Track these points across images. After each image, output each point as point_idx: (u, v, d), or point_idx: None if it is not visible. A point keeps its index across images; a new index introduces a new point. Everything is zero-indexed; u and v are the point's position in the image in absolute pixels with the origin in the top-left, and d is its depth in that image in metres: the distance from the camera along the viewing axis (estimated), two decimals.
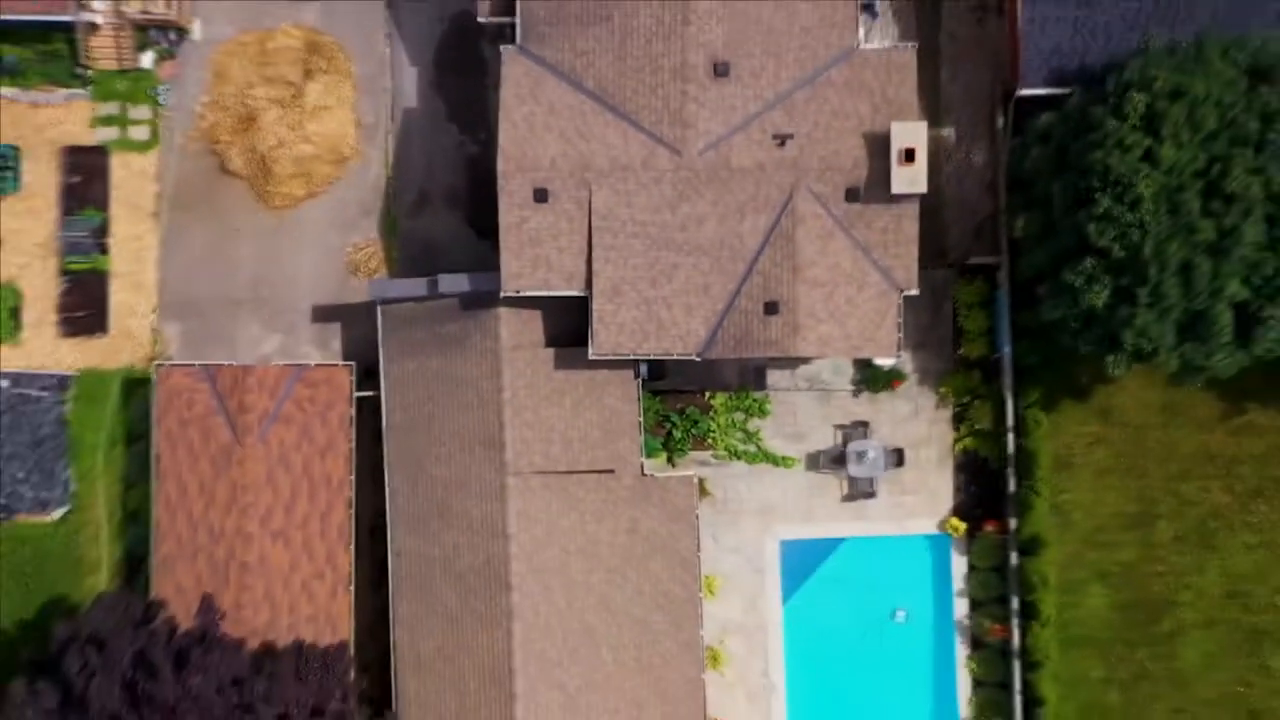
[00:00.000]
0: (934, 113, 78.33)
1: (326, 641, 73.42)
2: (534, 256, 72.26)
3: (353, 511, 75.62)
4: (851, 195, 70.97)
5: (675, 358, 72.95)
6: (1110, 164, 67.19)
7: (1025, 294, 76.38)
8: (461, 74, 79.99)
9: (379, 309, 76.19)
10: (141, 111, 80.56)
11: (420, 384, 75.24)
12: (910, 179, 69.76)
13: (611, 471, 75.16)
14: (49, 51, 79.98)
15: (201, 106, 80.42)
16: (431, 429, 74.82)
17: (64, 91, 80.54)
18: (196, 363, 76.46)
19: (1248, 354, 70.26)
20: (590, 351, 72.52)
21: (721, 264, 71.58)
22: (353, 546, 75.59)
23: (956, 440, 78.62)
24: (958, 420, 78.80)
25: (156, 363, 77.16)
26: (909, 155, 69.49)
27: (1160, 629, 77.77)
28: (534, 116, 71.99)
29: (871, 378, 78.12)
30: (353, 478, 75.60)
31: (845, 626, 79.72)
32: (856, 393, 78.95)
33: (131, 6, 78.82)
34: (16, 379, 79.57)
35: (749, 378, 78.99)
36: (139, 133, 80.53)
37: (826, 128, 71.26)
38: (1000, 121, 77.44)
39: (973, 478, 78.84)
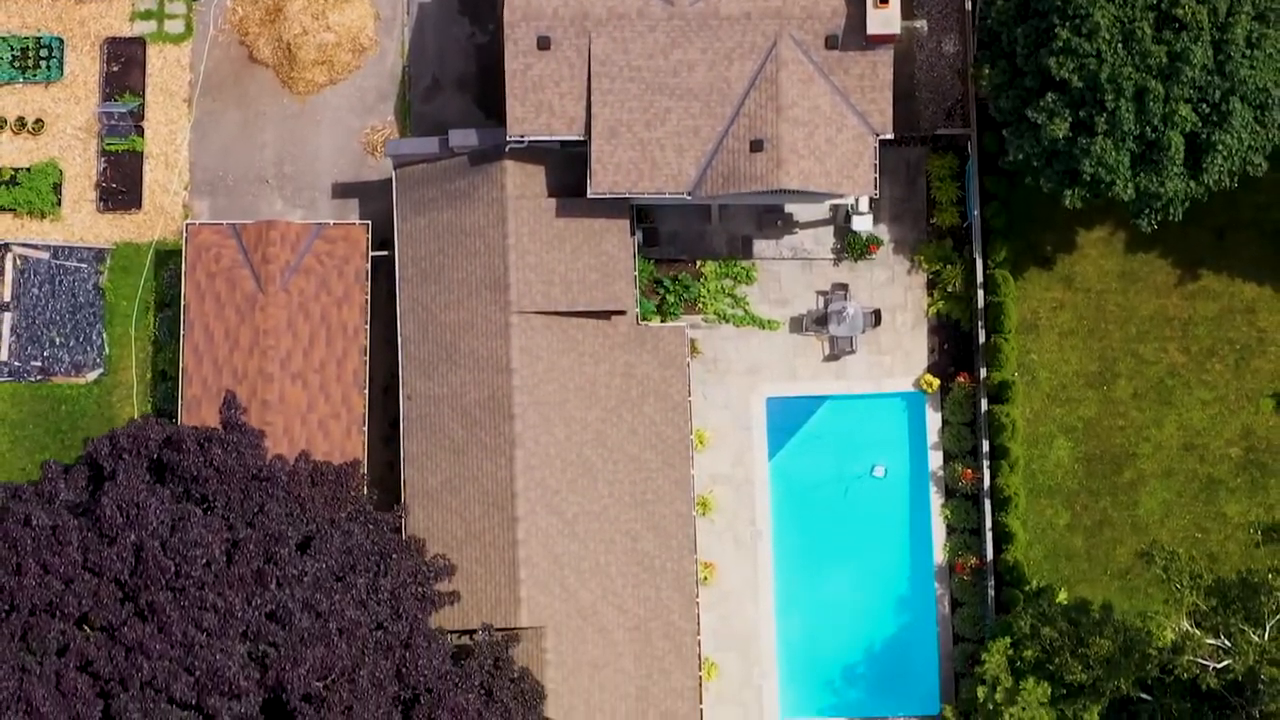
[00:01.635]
0: (908, 6, 79.95)
1: None
2: (537, 102, 73.87)
3: (367, 359, 76.57)
4: (831, 42, 72.83)
5: (668, 197, 74.10)
6: None
7: (992, 164, 77.72)
8: None
9: (394, 171, 77.50)
10: (177, 7, 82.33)
11: (431, 238, 76.42)
12: (885, 20, 71.82)
13: (609, 317, 75.88)
14: None
15: (232, 5, 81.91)
16: (441, 279, 75.94)
17: None
18: (224, 221, 77.55)
19: (1199, 184, 71.42)
20: (589, 190, 74.06)
21: (710, 107, 73.19)
22: (367, 390, 76.26)
23: (930, 305, 79.70)
24: (931, 286, 79.90)
25: (187, 221, 78.30)
26: None
27: (1121, 479, 78.38)
28: None
29: (850, 244, 79.38)
30: (367, 327, 76.67)
31: (828, 480, 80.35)
32: (837, 260, 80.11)
33: None
34: (56, 251, 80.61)
35: (737, 247, 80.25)
36: (174, 26, 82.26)
37: None
38: (969, 5, 78.99)
39: (945, 339, 79.90)
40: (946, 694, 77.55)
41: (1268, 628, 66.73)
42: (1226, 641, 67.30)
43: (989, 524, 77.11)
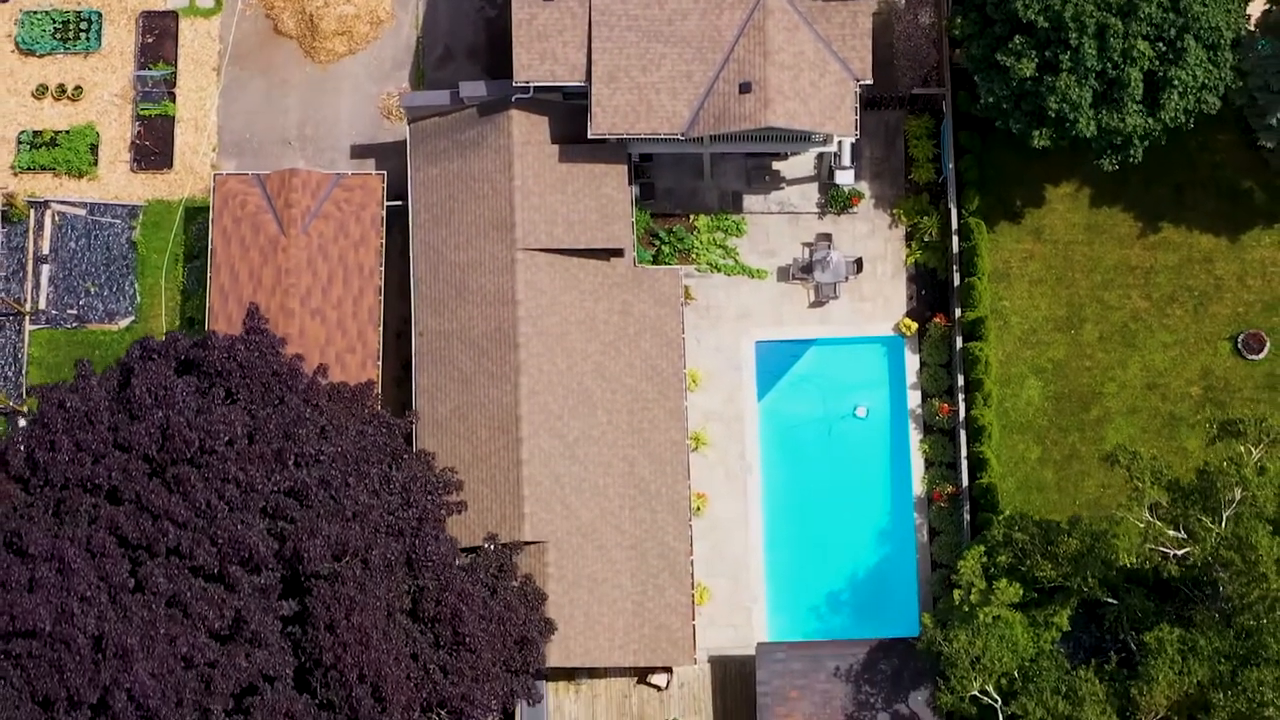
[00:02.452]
0: None
1: None
2: (541, 50, 76.52)
3: (381, 298, 78.76)
4: None
5: (663, 136, 76.40)
6: None
7: (965, 121, 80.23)
8: None
9: (408, 126, 79.94)
10: None
11: (442, 185, 78.91)
12: None
13: (608, 259, 78.07)
14: None
15: None
16: (451, 222, 78.31)
17: None
18: (249, 171, 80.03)
19: (1157, 120, 73.81)
20: (590, 131, 76.57)
21: (702, 53, 75.93)
22: (381, 327, 78.32)
23: (909, 255, 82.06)
24: (909, 238, 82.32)
25: (215, 172, 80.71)
26: None
27: (1089, 416, 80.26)
28: None
29: (833, 198, 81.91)
30: (382, 268, 78.94)
31: (813, 419, 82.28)
32: (821, 214, 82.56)
33: None
34: (93, 208, 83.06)
35: (727, 202, 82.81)
36: (205, 1, 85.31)
37: None
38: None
39: (923, 286, 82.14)
40: None
41: (1224, 518, 68.47)
42: (1185, 535, 68.99)
43: (964, 454, 79.04)
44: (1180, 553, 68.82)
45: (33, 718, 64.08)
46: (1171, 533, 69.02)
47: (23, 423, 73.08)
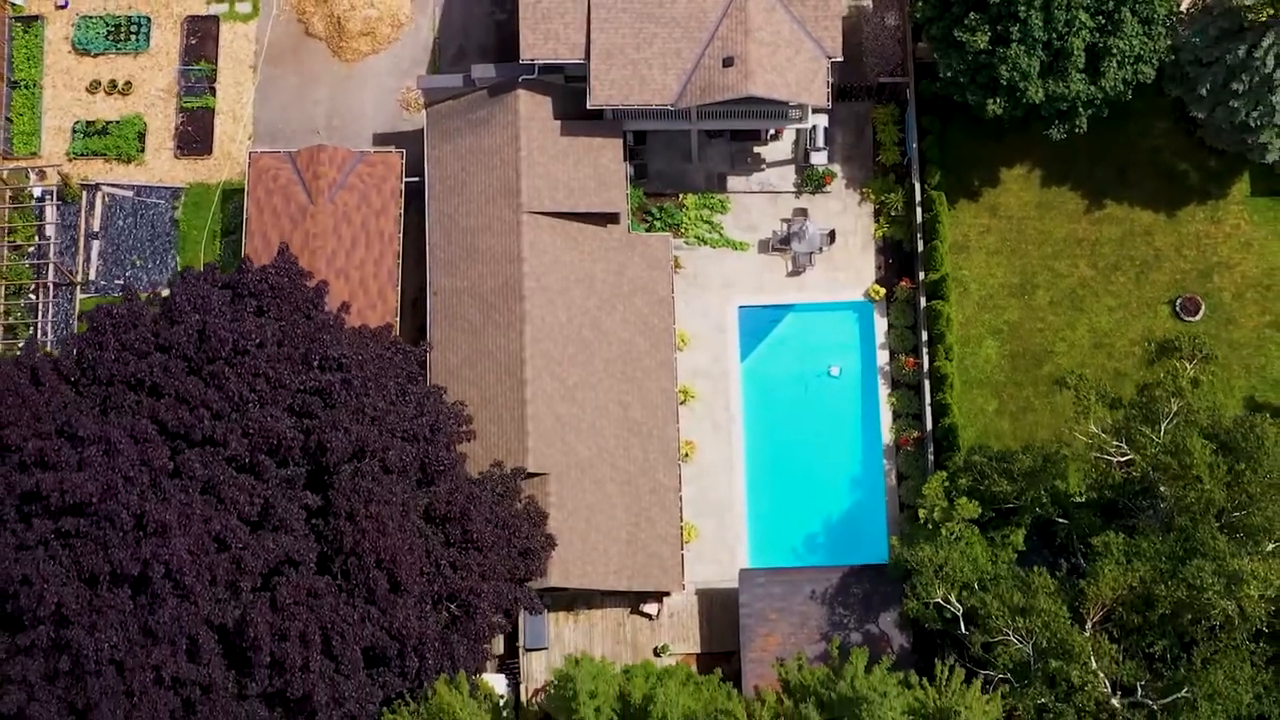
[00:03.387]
0: None
1: None
2: (545, 31, 78.27)
3: (399, 261, 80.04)
4: None
5: (654, 107, 77.97)
6: None
7: (926, 106, 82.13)
8: None
9: (425, 110, 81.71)
10: None
11: (455, 159, 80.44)
12: None
13: (605, 225, 79.60)
14: None
15: None
16: (463, 192, 79.73)
17: None
18: (281, 149, 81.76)
19: (1098, 88, 75.63)
20: (589, 102, 78.09)
21: (690, 32, 77.69)
22: (399, 288, 79.67)
23: (877, 229, 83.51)
24: (877, 214, 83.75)
25: (250, 150, 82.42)
26: None
27: (1041, 372, 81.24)
28: None
29: (808, 178, 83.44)
30: (400, 235, 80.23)
31: (791, 376, 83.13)
32: (798, 193, 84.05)
33: None
34: (139, 190, 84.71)
35: (713, 182, 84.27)
36: (243, 7, 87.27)
37: None
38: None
39: (890, 256, 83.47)
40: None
41: (1163, 428, 69.67)
42: (1127, 445, 70.22)
43: (928, 401, 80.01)
44: (1123, 459, 69.92)
45: (79, 594, 64.76)
46: (1115, 444, 70.19)
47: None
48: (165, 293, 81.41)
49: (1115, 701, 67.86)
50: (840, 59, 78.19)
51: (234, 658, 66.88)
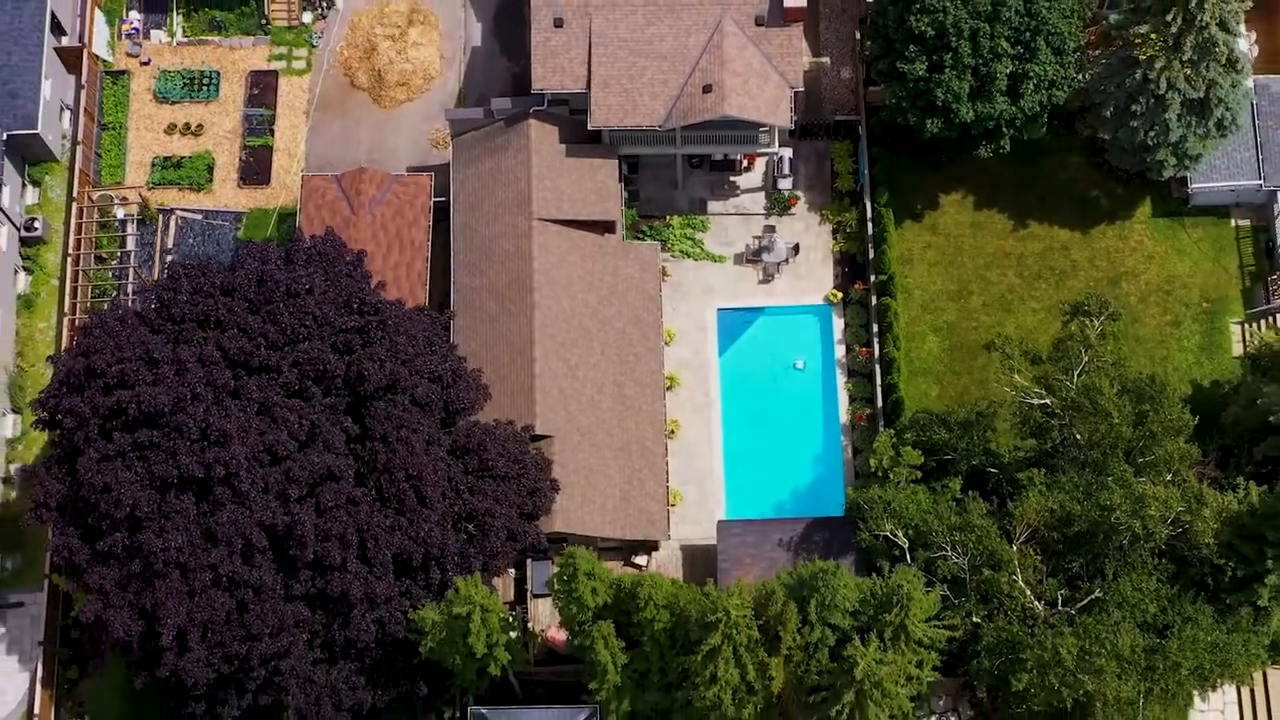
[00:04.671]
0: (815, 48, 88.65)
1: None
2: (553, 65, 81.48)
3: (428, 265, 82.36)
4: (759, 21, 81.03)
5: (644, 127, 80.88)
6: None
7: (875, 140, 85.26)
8: (510, 24, 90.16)
9: (451, 139, 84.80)
10: (301, 51, 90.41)
11: (476, 179, 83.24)
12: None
13: (602, 233, 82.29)
14: (244, 12, 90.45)
15: (340, 48, 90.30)
16: (483, 206, 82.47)
17: (251, 38, 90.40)
18: (329, 173, 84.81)
19: (1018, 108, 78.88)
20: (589, 124, 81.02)
21: (675, 65, 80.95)
22: (428, 288, 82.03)
23: (834, 245, 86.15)
24: (835, 232, 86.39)
25: (302, 173, 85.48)
26: None
27: (975, 364, 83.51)
28: None
29: (776, 200, 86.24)
30: (429, 243, 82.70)
31: (762, 369, 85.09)
32: (767, 214, 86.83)
33: None
34: (207, 214, 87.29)
35: (696, 206, 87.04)
36: (299, 64, 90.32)
37: None
38: (859, 45, 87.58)
39: (845, 267, 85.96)
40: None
41: (1075, 375, 71.93)
42: (1046, 391, 72.40)
43: (879, 383, 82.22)
44: (1043, 402, 72.09)
45: (150, 500, 66.82)
46: (1036, 390, 72.41)
47: None
48: None
49: (1039, 606, 69.49)
50: (801, 89, 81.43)
51: (282, 562, 68.64)
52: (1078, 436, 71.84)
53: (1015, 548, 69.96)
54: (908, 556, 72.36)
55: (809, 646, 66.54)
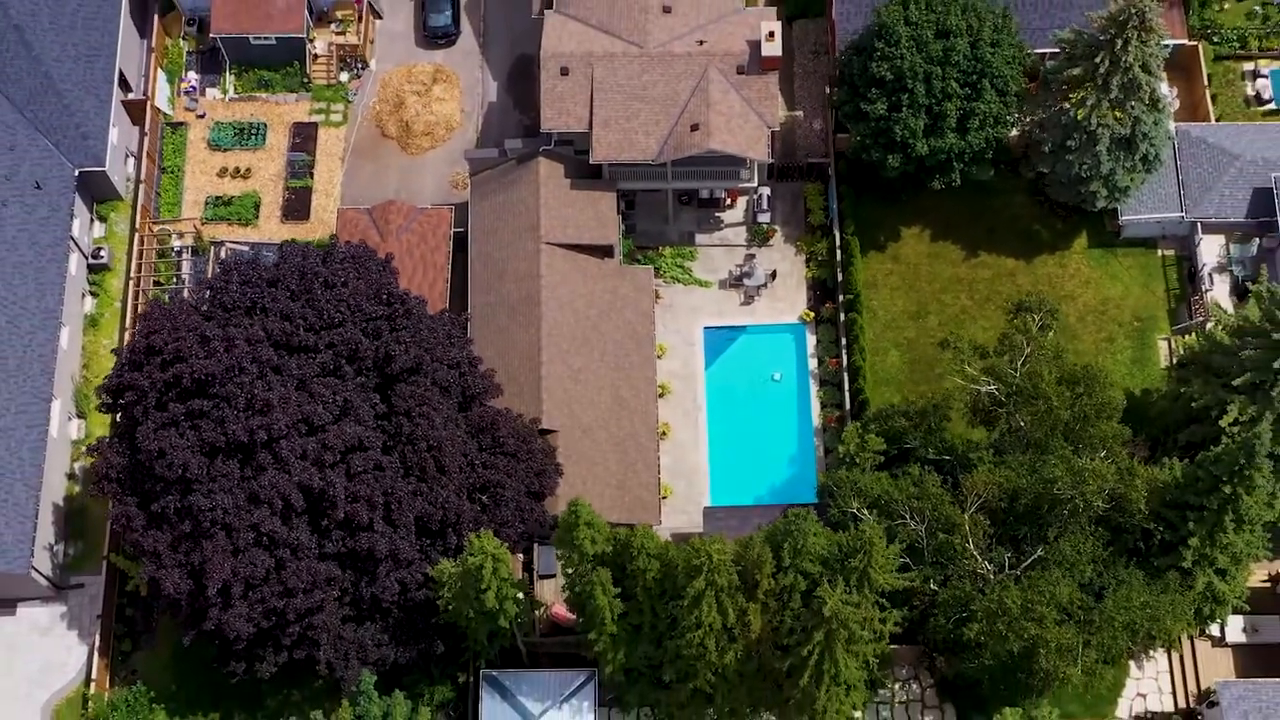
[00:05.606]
0: (791, 104, 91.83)
1: None
2: (560, 108, 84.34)
3: (448, 287, 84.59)
4: (740, 69, 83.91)
5: (640, 161, 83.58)
6: (883, 22, 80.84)
7: (842, 179, 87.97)
8: (522, 82, 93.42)
9: (470, 177, 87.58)
10: (338, 106, 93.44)
11: (491, 210, 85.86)
12: (773, 48, 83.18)
13: (602, 256, 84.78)
14: (289, 72, 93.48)
15: (372, 103, 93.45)
16: (497, 234, 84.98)
17: (295, 95, 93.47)
18: (361, 206, 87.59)
19: (967, 142, 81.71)
20: (590, 158, 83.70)
21: (666, 108, 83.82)
22: (447, 304, 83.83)
23: (807, 271, 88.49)
24: (807, 261, 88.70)
25: (339, 207, 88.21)
26: (771, 35, 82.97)
27: (933, 373, 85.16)
28: (562, 31, 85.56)
29: (756, 233, 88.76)
30: (449, 267, 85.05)
31: (743, 380, 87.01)
32: (748, 245, 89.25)
33: (335, 43, 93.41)
34: (253, 245, 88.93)
35: (685, 238, 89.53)
36: (336, 116, 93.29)
37: (726, 35, 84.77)
38: (830, 99, 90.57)
39: (817, 291, 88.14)
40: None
41: (1019, 365, 74.07)
42: (993, 379, 74.54)
43: (848, 389, 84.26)
44: (991, 389, 74.22)
45: (200, 464, 68.90)
46: (985, 379, 74.59)
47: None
48: None
49: (989, 569, 71.24)
50: (777, 128, 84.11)
51: (316, 524, 70.52)
52: (1022, 423, 73.78)
53: (967, 516, 71.68)
54: None
55: (783, 593, 68.25)
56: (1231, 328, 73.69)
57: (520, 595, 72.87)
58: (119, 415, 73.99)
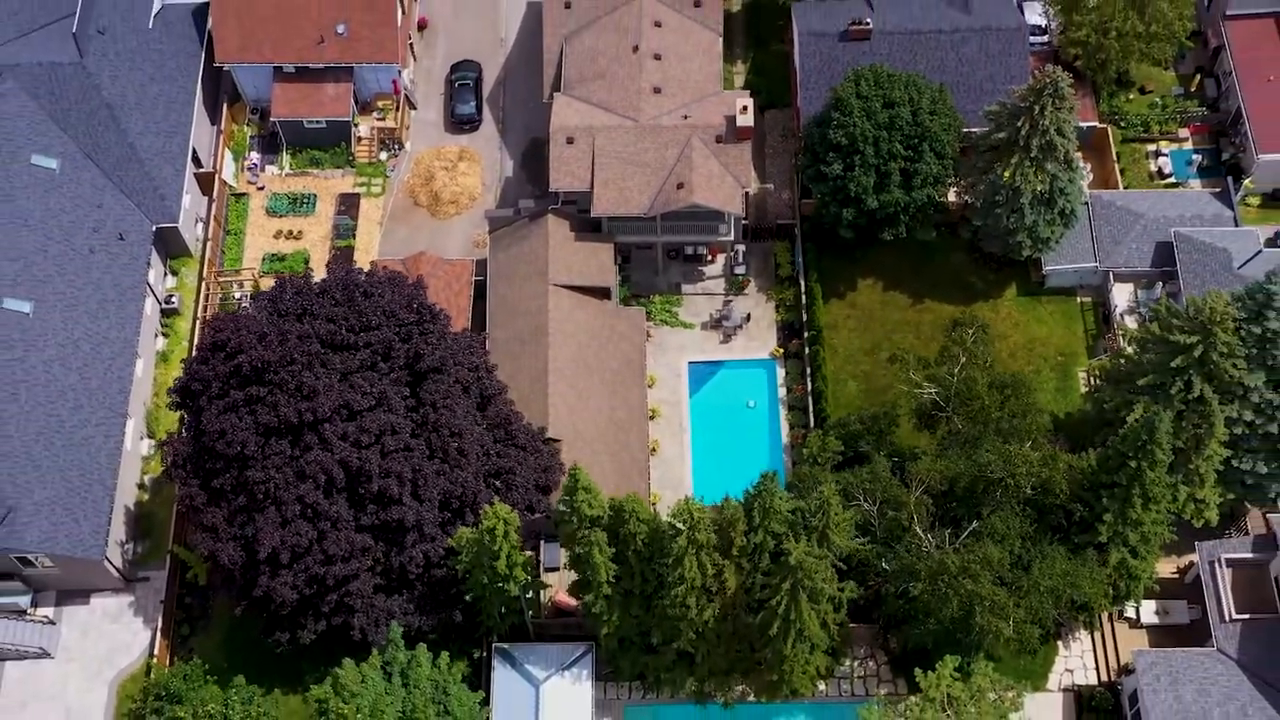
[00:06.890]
0: (763, 177, 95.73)
1: None
2: (566, 171, 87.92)
3: (469, 324, 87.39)
4: (719, 139, 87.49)
5: (633, 215, 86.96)
6: (839, 96, 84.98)
7: (807, 238, 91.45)
8: (534, 162, 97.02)
9: (489, 234, 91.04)
10: (378, 180, 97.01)
11: (507, 259, 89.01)
12: (746, 119, 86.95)
13: (600, 298, 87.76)
14: (336, 152, 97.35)
15: (406, 177, 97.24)
16: (512, 276, 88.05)
17: (341, 170, 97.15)
18: (395, 257, 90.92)
19: (911, 197, 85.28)
20: (592, 212, 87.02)
21: (655, 171, 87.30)
22: None
23: (777, 315, 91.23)
24: (777, 307, 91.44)
25: (373, 259, 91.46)
26: (744, 108, 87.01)
27: (886, 400, 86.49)
28: (568, 109, 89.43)
29: (733, 283, 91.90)
30: (470, 310, 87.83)
31: (722, 406, 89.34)
32: (726, 293, 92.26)
33: (376, 128, 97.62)
34: None
35: (673, 287, 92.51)
36: (375, 188, 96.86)
37: (707, 112, 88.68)
38: (794, 172, 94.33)
39: (786, 331, 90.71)
40: None
41: (957, 372, 76.70)
42: (936, 389, 77.25)
43: (811, 409, 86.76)
44: (932, 393, 76.91)
45: (256, 443, 71.37)
46: (928, 385, 77.29)
47: None
48: None
49: (931, 543, 73.34)
50: (750, 189, 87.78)
51: (354, 499, 72.74)
52: (960, 424, 76.35)
53: (912, 498, 74.00)
54: None
55: (754, 553, 70.32)
56: (1138, 339, 76.54)
57: (527, 561, 74.61)
58: (185, 415, 76.38)
